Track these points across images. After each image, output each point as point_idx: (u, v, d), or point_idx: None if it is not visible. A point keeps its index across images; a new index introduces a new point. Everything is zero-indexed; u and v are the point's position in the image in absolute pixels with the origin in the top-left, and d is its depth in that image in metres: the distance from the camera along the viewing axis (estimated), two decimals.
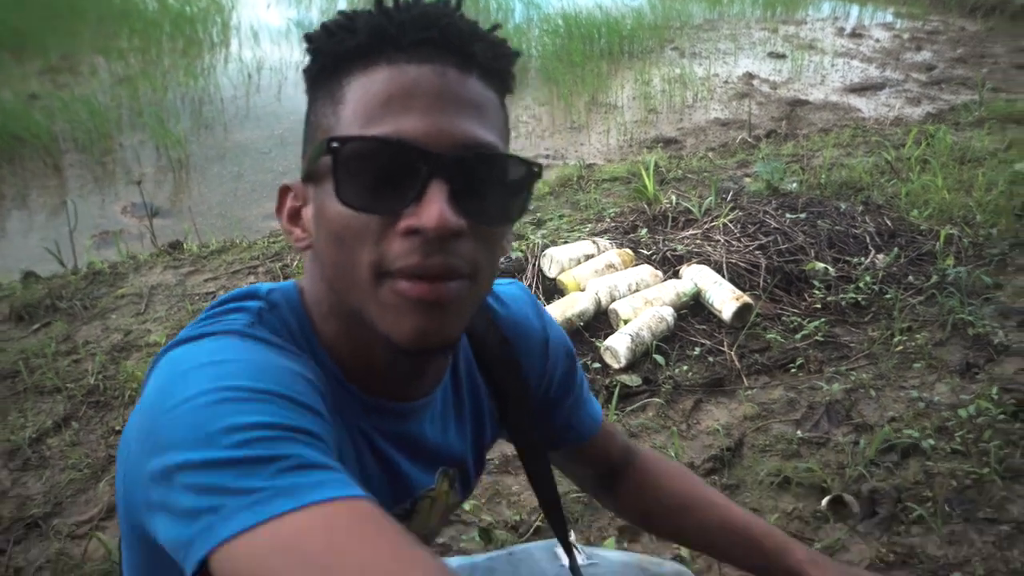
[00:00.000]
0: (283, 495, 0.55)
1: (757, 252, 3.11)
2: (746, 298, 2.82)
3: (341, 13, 0.69)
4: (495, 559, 1.14)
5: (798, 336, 2.78)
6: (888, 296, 2.98)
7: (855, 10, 11.23)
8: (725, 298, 2.81)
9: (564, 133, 6.28)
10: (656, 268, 3.06)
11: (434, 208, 0.62)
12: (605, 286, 2.91)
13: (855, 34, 9.60)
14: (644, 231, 3.42)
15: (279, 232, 3.95)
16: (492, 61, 0.68)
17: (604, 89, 7.23)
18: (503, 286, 0.95)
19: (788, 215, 3.38)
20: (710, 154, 5.10)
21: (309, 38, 0.70)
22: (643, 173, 3.86)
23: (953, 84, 7.45)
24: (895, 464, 2.26)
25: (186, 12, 9.42)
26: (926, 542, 2.01)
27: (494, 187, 0.67)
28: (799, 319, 2.86)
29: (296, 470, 0.56)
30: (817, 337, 2.78)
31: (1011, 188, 3.92)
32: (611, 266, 3.04)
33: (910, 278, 3.11)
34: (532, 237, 3.42)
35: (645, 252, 3.21)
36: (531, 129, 6.34)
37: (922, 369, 2.65)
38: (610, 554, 1.15)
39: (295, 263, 3.39)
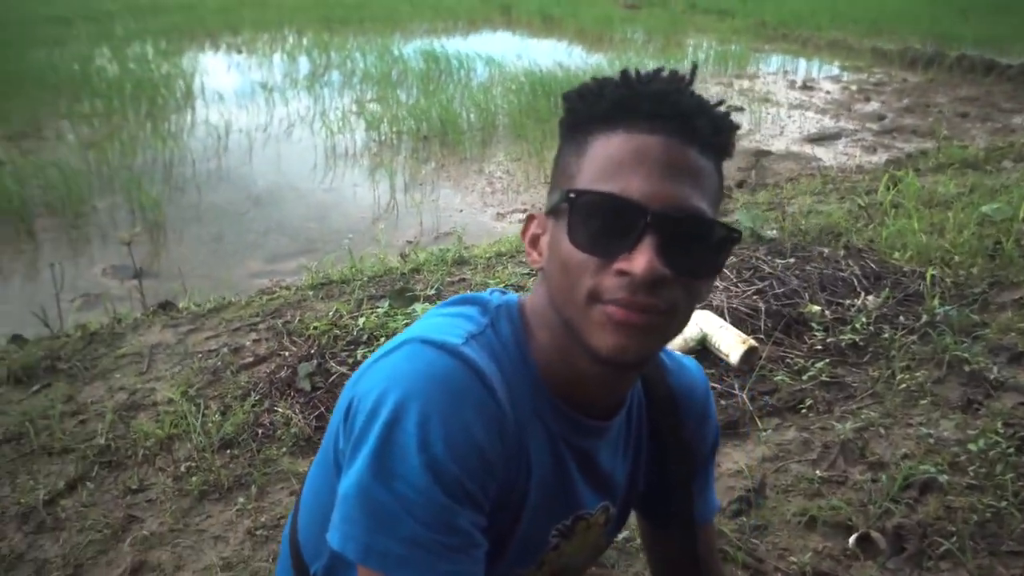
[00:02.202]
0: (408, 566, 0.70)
1: (755, 297, 3.19)
2: (752, 341, 2.88)
3: (593, 79, 0.81)
4: None
5: (804, 377, 2.84)
6: (884, 336, 3.07)
7: (803, 64, 11.69)
8: (731, 342, 2.87)
9: (539, 187, 6.36)
10: None
11: (644, 258, 0.73)
12: None
13: (806, 87, 9.98)
14: None
15: (273, 289, 3.92)
16: (712, 135, 0.78)
17: None
18: (684, 358, 1.05)
19: (779, 260, 3.48)
20: None
21: (567, 97, 0.82)
22: None
23: (905, 132, 7.77)
24: (915, 500, 2.30)
25: (149, 77, 9.40)
26: None
27: (697, 245, 0.76)
28: (803, 360, 2.93)
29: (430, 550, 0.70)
30: (823, 378, 2.84)
31: (980, 230, 4.10)
32: None
33: (901, 318, 3.21)
34: None
35: None
36: (506, 184, 6.41)
37: (927, 406, 2.72)
38: None
39: (296, 319, 3.36)
